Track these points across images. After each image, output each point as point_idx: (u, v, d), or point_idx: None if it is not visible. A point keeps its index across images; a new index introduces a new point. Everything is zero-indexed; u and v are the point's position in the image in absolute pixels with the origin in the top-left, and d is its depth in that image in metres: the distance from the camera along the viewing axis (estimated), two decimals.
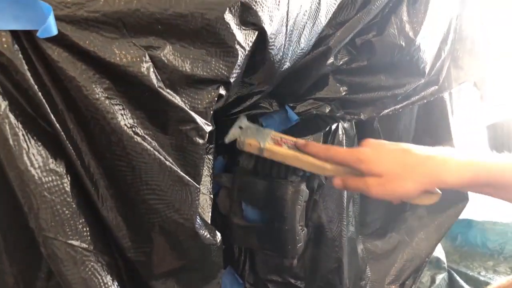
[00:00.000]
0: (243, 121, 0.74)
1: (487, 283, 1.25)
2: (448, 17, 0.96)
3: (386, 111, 0.91)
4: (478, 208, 1.40)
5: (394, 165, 0.59)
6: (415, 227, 1.11)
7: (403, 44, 0.83)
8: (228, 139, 0.72)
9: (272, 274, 0.83)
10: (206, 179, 0.70)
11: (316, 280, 0.82)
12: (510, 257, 1.37)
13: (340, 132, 0.82)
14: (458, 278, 1.23)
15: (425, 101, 0.99)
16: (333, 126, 0.81)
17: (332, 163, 0.66)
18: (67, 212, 0.41)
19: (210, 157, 0.74)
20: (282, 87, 0.77)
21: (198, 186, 0.48)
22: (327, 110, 0.85)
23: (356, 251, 0.94)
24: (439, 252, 1.25)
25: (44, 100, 0.38)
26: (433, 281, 1.19)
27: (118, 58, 0.40)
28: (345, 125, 0.86)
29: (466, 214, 1.43)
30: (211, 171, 0.72)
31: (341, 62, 0.82)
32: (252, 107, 0.80)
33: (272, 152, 0.70)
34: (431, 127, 1.07)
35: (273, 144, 0.70)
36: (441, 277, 1.20)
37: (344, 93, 0.85)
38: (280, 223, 0.72)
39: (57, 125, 0.40)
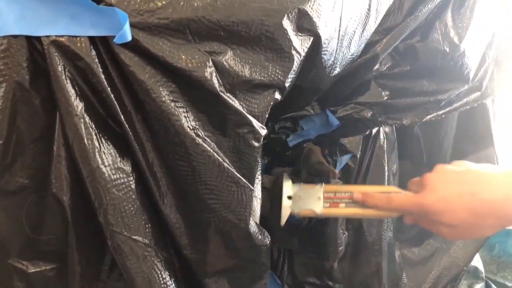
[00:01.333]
0: (289, 187, 0.70)
1: None
2: (494, 21, 0.95)
3: (429, 117, 0.91)
4: None
5: (465, 214, 0.53)
6: None
7: (447, 49, 0.83)
8: (283, 221, 0.68)
9: (311, 277, 0.84)
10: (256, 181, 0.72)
11: (354, 284, 0.82)
12: None
13: (381, 136, 0.82)
14: None
15: (468, 107, 0.98)
16: (374, 130, 0.81)
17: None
18: (132, 208, 0.43)
19: (259, 159, 0.75)
20: (326, 92, 0.78)
21: (252, 188, 0.50)
22: (369, 114, 0.85)
23: (394, 256, 0.94)
24: (477, 261, 1.23)
25: (115, 102, 0.41)
26: None
27: (184, 63, 0.42)
28: (386, 129, 0.86)
29: None
30: (260, 173, 0.73)
31: (385, 68, 0.82)
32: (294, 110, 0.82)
33: (330, 214, 0.66)
34: (472, 134, 1.06)
35: (328, 206, 0.65)
36: (478, 287, 1.18)
37: (386, 97, 0.85)
38: (322, 226, 0.73)
39: (126, 125, 0.42)
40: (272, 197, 0.80)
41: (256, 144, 0.48)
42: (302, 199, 0.65)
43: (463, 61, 0.87)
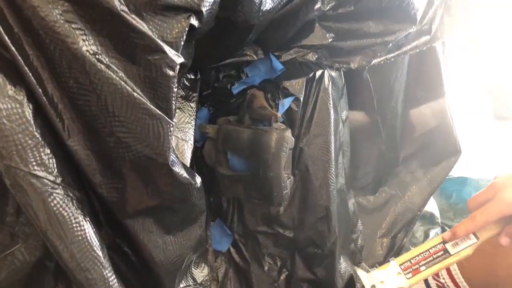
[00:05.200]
0: (366, 279, 0.65)
1: None
2: None
3: (377, 60, 0.89)
4: (474, 166, 1.39)
5: None
6: (408, 182, 1.10)
7: None
8: None
9: (261, 225, 0.83)
10: (187, 126, 0.69)
11: (304, 229, 0.81)
12: None
13: (326, 79, 0.80)
14: None
15: (417, 50, 0.96)
16: (318, 73, 0.79)
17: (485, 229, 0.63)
18: (30, 141, 0.40)
19: (193, 105, 0.72)
20: (267, 34, 0.75)
21: (170, 121, 0.47)
22: (314, 58, 0.83)
23: (346, 203, 0.93)
24: (433, 208, 1.25)
25: None
26: (426, 235, 1.19)
27: None
28: (333, 73, 0.84)
29: (462, 172, 1.42)
30: (193, 119, 0.70)
31: (327, 7, 0.79)
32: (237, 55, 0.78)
33: (419, 281, 0.64)
34: (423, 79, 1.05)
35: (411, 276, 0.64)
36: (434, 232, 1.20)
37: (331, 40, 0.82)
38: (265, 171, 0.71)
39: (13, 49, 0.38)
40: (217, 146, 0.78)
41: (171, 72, 0.45)
42: (385, 284, 0.63)
43: (409, 0, 0.85)
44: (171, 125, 0.47)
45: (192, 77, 0.71)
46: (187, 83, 0.72)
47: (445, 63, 1.07)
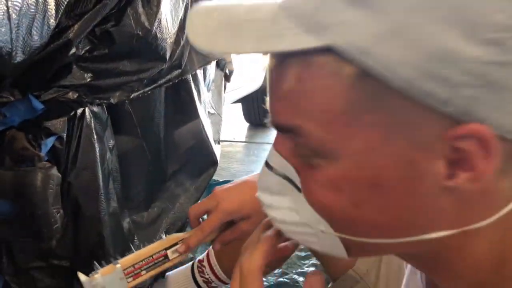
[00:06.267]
0: (88, 284, 0.67)
1: None
2: (181, 7, 1.11)
3: (135, 94, 1.01)
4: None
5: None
6: (178, 193, 1.27)
7: (140, 33, 0.93)
8: None
9: (34, 261, 0.84)
10: None
11: (80, 256, 0.87)
12: None
13: (87, 115, 0.87)
14: None
15: (170, 83, 1.13)
16: (79, 111, 0.86)
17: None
18: None
19: None
20: (24, 76, 0.78)
21: None
22: (75, 96, 0.89)
23: (120, 225, 1.03)
24: None
25: None
26: None
27: None
28: (95, 108, 0.92)
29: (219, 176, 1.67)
30: None
31: (83, 52, 0.87)
32: None
33: (138, 284, 0.68)
34: (180, 106, 1.23)
35: (132, 280, 0.67)
36: None
37: (89, 79, 0.90)
38: (32, 210, 0.74)
39: None
40: None
41: None
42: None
43: (157, 43, 1.00)
44: None
45: None
46: None
47: (199, 90, 1.28)
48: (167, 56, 1.05)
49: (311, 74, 0.31)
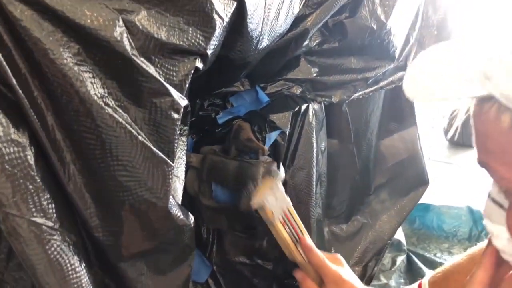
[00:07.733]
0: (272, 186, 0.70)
1: (442, 264, 1.31)
2: (416, 3, 0.97)
3: (357, 94, 0.92)
4: (435, 193, 1.45)
5: None
6: (378, 211, 1.13)
7: (375, 27, 0.83)
8: (257, 203, 0.69)
9: (241, 256, 0.82)
10: (179, 161, 0.68)
11: (284, 261, 0.81)
12: (464, 239, 1.43)
13: (310, 113, 0.81)
14: (416, 259, 1.28)
15: (393, 86, 1.00)
16: (303, 107, 0.80)
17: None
18: (30, 187, 0.38)
19: (184, 139, 0.71)
20: (255, 67, 0.76)
21: (172, 164, 0.46)
22: (299, 91, 0.84)
23: (322, 232, 0.95)
24: (400, 235, 1.29)
25: (4, 62, 0.35)
26: (393, 262, 1.22)
27: (89, 21, 0.37)
28: (315, 106, 0.86)
29: (424, 198, 1.48)
30: (184, 153, 0.69)
31: (314, 43, 0.81)
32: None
33: (275, 231, 0.69)
34: (397, 113, 1.09)
35: (279, 223, 0.69)
36: (401, 259, 1.24)
37: (315, 74, 0.84)
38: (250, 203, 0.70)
39: (20, 91, 0.36)
40: (201, 176, 0.77)
41: (176, 115, 0.45)
42: (273, 199, 0.68)
43: (389, 39, 0.89)
44: (172, 168, 0.46)
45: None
46: None
47: None
48: (397, 55, 0.93)
49: None
